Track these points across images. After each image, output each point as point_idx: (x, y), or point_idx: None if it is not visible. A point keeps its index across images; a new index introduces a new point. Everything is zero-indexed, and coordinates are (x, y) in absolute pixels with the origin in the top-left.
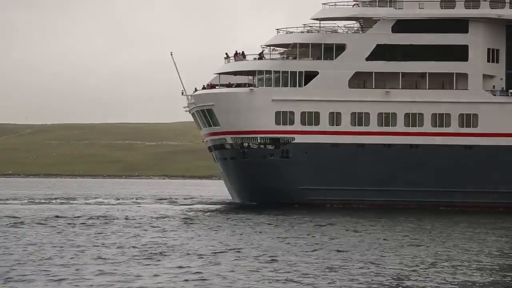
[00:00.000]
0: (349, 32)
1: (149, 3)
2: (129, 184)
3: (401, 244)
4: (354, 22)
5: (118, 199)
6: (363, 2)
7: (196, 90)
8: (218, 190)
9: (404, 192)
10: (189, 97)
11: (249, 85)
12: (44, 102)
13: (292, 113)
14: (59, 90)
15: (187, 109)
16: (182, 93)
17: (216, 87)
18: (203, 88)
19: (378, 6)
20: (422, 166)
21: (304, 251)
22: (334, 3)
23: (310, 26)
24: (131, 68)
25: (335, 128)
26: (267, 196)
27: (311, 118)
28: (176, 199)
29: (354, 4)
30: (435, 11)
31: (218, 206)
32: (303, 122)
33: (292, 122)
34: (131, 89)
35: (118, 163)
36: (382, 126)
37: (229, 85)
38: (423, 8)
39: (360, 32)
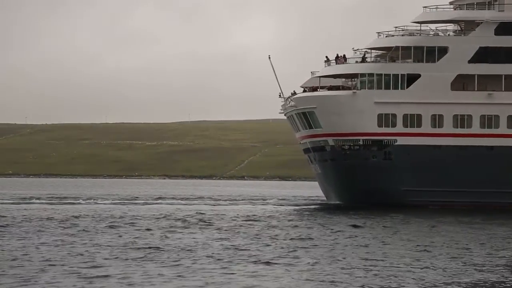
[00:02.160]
0: (449, 34)
1: (150, 4)
2: (155, 184)
3: None
4: (450, 24)
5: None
6: (460, 5)
7: (295, 93)
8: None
9: (506, 194)
10: (287, 99)
11: (344, 87)
12: (44, 102)
13: (394, 115)
14: (58, 90)
15: (283, 111)
16: (280, 95)
17: (318, 89)
18: (304, 91)
19: (477, 9)
20: None
21: None
22: (435, 6)
23: (401, 29)
24: (131, 68)
25: (437, 130)
26: (368, 197)
27: (413, 120)
28: (272, 199)
29: (457, 7)
30: None
31: (321, 207)
32: (405, 124)
33: (394, 124)
34: (132, 89)
35: (118, 163)
36: (485, 128)
37: (330, 88)
38: None
39: (462, 35)
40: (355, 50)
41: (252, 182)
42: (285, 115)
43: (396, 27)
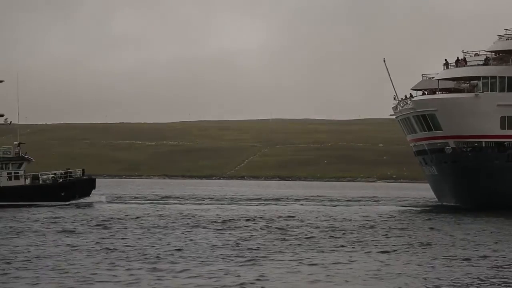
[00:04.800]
0: None
1: (152, 4)
2: (183, 184)
3: None
4: None
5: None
6: None
7: (411, 95)
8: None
9: None
10: (403, 102)
11: (456, 90)
12: (44, 102)
13: None
14: (59, 90)
15: (394, 114)
16: (394, 98)
17: (436, 92)
18: (423, 93)
19: None
20: None
21: None
22: None
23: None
24: (131, 67)
25: None
26: (490, 199)
27: None
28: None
29: None
30: None
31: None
32: None
33: None
34: (131, 89)
35: (118, 163)
36: None
37: (450, 91)
38: None
39: None
40: (464, 52)
41: (260, 182)
42: (396, 117)
43: (506, 29)
